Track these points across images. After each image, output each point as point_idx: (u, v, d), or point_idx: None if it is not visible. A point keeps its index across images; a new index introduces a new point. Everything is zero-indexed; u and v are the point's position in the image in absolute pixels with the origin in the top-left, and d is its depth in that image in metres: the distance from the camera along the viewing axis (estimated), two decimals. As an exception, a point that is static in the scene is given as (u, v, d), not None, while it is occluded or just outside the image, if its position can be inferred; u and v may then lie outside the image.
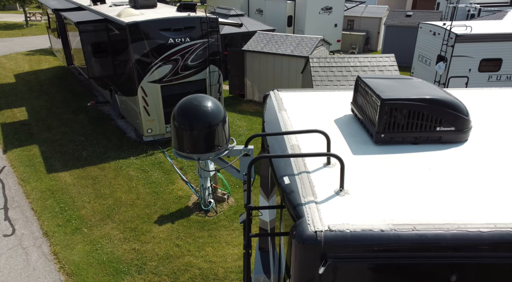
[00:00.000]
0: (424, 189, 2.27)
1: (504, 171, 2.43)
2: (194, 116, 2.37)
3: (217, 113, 2.47)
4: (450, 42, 11.50)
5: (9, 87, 16.17)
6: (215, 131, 2.45)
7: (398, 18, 20.99)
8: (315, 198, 2.22)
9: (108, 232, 7.53)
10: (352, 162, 2.60)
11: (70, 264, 6.69)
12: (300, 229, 2.00)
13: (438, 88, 3.00)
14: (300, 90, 4.29)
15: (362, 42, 23.99)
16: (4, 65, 19.57)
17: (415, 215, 2.06)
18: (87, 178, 9.39)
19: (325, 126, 3.17)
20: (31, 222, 7.77)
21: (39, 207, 8.23)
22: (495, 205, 2.11)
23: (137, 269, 6.66)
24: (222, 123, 2.52)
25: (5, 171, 9.68)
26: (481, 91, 3.99)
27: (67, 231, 7.51)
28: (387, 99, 2.68)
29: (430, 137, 2.76)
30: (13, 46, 24.12)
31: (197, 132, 2.40)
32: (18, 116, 13.13)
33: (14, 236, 7.35)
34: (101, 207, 8.32)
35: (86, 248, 7.08)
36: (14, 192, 8.78)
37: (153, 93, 10.62)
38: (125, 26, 9.83)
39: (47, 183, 9.14)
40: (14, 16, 35.11)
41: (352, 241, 1.96)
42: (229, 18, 17.68)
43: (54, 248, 7.06)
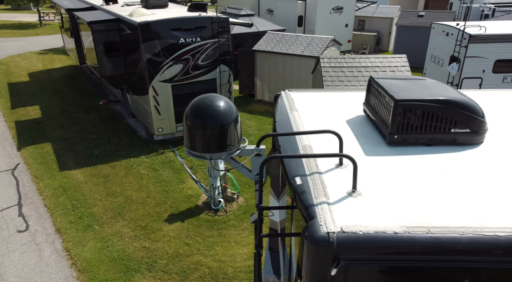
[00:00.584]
0: (438, 191, 2.25)
1: (521, 174, 2.39)
2: (206, 116, 2.38)
3: (230, 112, 2.48)
4: (463, 42, 11.34)
5: (23, 85, 16.43)
6: (227, 131, 2.45)
7: (410, 18, 20.78)
8: (327, 199, 2.21)
9: (119, 229, 7.61)
10: (365, 163, 2.58)
11: (82, 261, 6.78)
12: (313, 229, 2.00)
13: (453, 89, 2.96)
14: (311, 91, 4.27)
15: (373, 43, 23.80)
16: (18, 64, 19.89)
17: (429, 218, 2.04)
18: (99, 176, 9.50)
19: (337, 127, 3.15)
20: (44, 218, 7.89)
21: (52, 204, 8.35)
22: (511, 208, 2.08)
23: (147, 267, 6.71)
24: (235, 123, 2.52)
25: (19, 168, 9.84)
26: (496, 93, 3.93)
27: (79, 228, 7.61)
28: (400, 100, 2.65)
29: (444, 139, 2.73)
30: (27, 45, 24.50)
31: (210, 131, 2.41)
32: (32, 114, 13.34)
33: (27, 232, 7.48)
34: (112, 204, 8.40)
35: (97, 245, 7.17)
36: (27, 189, 8.92)
37: (164, 92, 10.69)
38: (137, 25, 9.91)
39: (59, 180, 9.27)
40: (29, 16, 35.67)
41: (365, 242, 1.95)
42: (239, 18, 17.71)
43: (67, 245, 7.16)
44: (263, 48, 14.61)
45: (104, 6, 13.17)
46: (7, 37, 26.86)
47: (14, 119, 12.78)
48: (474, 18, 19.03)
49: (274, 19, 22.40)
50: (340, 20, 21.61)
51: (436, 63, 13.13)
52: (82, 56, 14.46)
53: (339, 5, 21.25)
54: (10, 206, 8.24)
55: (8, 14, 36.90)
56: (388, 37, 24.14)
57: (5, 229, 7.51)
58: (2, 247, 7.03)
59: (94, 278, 6.40)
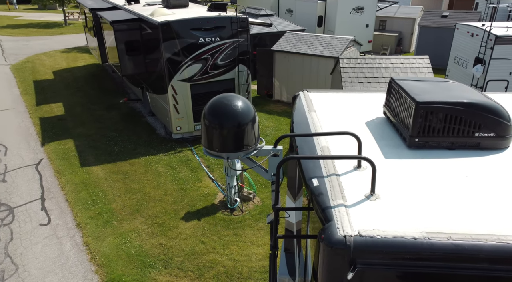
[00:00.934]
0: (460, 196, 2.19)
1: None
2: (224, 115, 2.39)
3: (247, 112, 2.48)
4: (489, 44, 11.02)
5: (48, 83, 16.90)
6: (244, 131, 2.45)
7: (433, 19, 20.33)
8: (345, 202, 2.19)
9: (136, 226, 7.73)
10: (384, 166, 2.53)
11: (101, 255, 6.92)
12: (329, 232, 1.97)
13: (477, 91, 2.88)
14: (329, 91, 4.23)
15: (394, 43, 23.41)
16: (43, 62, 20.47)
17: (450, 224, 1.99)
18: (118, 173, 9.68)
19: (355, 128, 3.11)
20: (65, 213, 8.10)
21: (73, 199, 8.56)
22: (538, 216, 2.00)
23: (163, 263, 6.80)
24: (252, 123, 2.52)
25: (43, 163, 10.13)
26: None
27: (98, 223, 7.77)
28: (422, 102, 2.59)
29: (467, 143, 2.65)
30: (52, 44, 25.17)
31: (227, 131, 2.41)
32: (55, 111, 13.70)
33: (49, 226, 7.68)
34: (131, 201, 8.54)
35: (115, 241, 7.30)
36: (50, 183, 9.17)
37: (183, 91, 10.80)
38: (158, 25, 10.04)
39: (80, 176, 9.49)
40: (54, 16, 36.66)
41: (383, 247, 1.91)
42: (259, 18, 17.71)
43: (86, 239, 7.32)
44: (282, 48, 14.57)
45: (126, 6, 13.41)
46: (33, 36, 27.67)
47: (39, 116, 13.16)
48: (500, 19, 18.46)
49: (293, 19, 22.31)
50: (360, 21, 21.34)
51: (460, 65, 12.80)
52: (104, 55, 14.76)
53: (360, 5, 20.99)
54: (33, 199, 8.49)
55: (35, 14, 38.03)
56: (410, 38, 23.70)
57: (28, 222, 7.74)
58: (26, 239, 7.25)
59: (112, 273, 6.53)
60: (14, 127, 12.24)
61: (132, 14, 12.09)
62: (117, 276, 6.45)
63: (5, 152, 10.60)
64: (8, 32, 28.58)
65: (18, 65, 19.71)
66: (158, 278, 6.47)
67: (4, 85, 16.46)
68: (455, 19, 19.23)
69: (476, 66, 11.34)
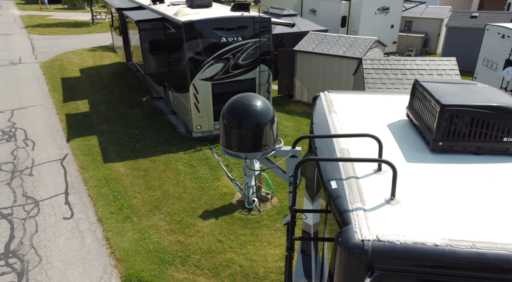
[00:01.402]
0: (485, 204, 2.10)
1: None
2: (243, 115, 2.38)
3: (266, 112, 2.45)
4: (520, 45, 10.60)
5: (75, 80, 17.38)
6: (263, 131, 2.43)
7: (462, 20, 19.73)
8: (364, 205, 2.14)
9: (155, 222, 7.84)
10: (406, 170, 2.46)
11: (120, 250, 7.05)
12: (347, 236, 1.93)
13: (507, 95, 2.76)
14: (351, 92, 4.16)
15: (420, 45, 22.86)
16: (71, 60, 21.07)
17: (474, 232, 1.91)
18: (139, 170, 9.84)
19: (377, 130, 3.04)
20: (88, 208, 8.29)
21: (95, 194, 8.76)
22: None
23: (181, 260, 6.86)
24: (271, 123, 2.49)
25: (68, 158, 10.41)
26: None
27: (118, 219, 7.92)
28: (447, 105, 2.51)
29: (495, 148, 2.55)
30: (80, 42, 25.87)
31: (245, 131, 2.40)
32: (81, 108, 14.08)
33: (72, 220, 7.89)
34: (151, 198, 8.67)
35: (135, 236, 7.42)
36: (74, 178, 9.42)
37: (204, 90, 10.88)
38: (181, 24, 10.16)
39: (103, 172, 9.70)
40: (83, 15, 37.69)
41: (402, 253, 1.86)
42: (282, 18, 17.65)
43: (107, 234, 7.47)
44: (304, 49, 14.47)
45: (151, 6, 13.63)
46: (62, 34, 28.53)
47: (65, 113, 13.54)
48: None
49: (317, 19, 22.13)
50: (385, 21, 20.95)
51: (489, 67, 12.37)
52: (129, 53, 15.05)
53: (385, 5, 20.60)
54: (58, 193, 8.74)
55: (65, 13, 39.22)
56: (437, 39, 23.08)
57: (52, 215, 7.97)
58: (50, 232, 7.47)
59: (130, 268, 6.64)
60: (42, 123, 12.65)
61: (157, 13, 12.28)
62: (136, 272, 6.55)
63: (33, 146, 10.96)
64: (39, 31, 29.57)
65: (47, 63, 20.36)
66: (175, 275, 6.54)
67: (34, 82, 17.04)
68: (485, 20, 18.61)
69: (507, 68, 10.93)
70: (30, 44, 25.03)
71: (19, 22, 33.84)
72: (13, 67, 19.32)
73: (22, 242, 7.16)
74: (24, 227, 7.57)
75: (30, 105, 14.20)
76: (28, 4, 46.91)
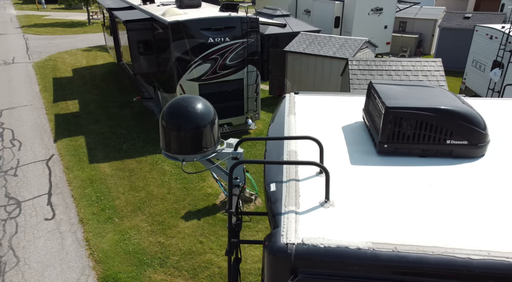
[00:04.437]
0: (418, 206, 2.09)
1: (517, 193, 2.17)
2: (181, 117, 2.37)
3: (206, 115, 2.44)
4: (508, 46, 10.59)
5: (66, 80, 17.36)
6: (202, 133, 2.42)
7: (455, 20, 19.72)
8: (297, 208, 2.13)
9: (137, 223, 7.83)
10: (348, 172, 2.45)
11: (99, 252, 7.03)
12: (272, 239, 1.93)
13: (457, 98, 2.75)
14: (321, 94, 4.15)
15: (414, 45, 22.85)
16: (65, 60, 21.06)
17: (400, 235, 1.90)
18: (125, 170, 9.83)
19: (331, 132, 3.03)
20: (70, 208, 8.28)
21: (78, 195, 8.75)
22: (495, 231, 1.89)
23: (159, 262, 6.85)
24: (211, 126, 2.48)
25: (53, 159, 10.40)
26: (516, 102, 3.61)
27: (100, 220, 7.91)
28: (392, 107, 2.50)
29: (439, 150, 2.54)
30: (75, 42, 25.85)
31: (183, 133, 2.39)
32: (71, 108, 14.06)
33: (53, 220, 7.87)
34: (134, 198, 8.66)
35: (115, 237, 7.41)
36: (58, 179, 9.41)
37: (191, 91, 10.86)
38: (167, 25, 10.15)
39: (88, 172, 9.69)
40: (80, 15, 37.67)
41: (325, 256, 1.85)
42: (274, 18, 17.65)
43: (87, 235, 7.46)
44: (294, 49, 14.46)
45: (141, 6, 13.62)
46: (58, 34, 28.51)
47: (55, 113, 13.53)
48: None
49: (311, 19, 22.12)
50: (379, 22, 20.93)
51: (478, 68, 12.37)
52: (120, 53, 15.04)
53: (379, 6, 20.58)
54: (41, 194, 8.72)
55: (62, 13, 39.21)
56: (431, 39, 23.07)
57: (34, 216, 7.96)
58: (29, 233, 7.46)
59: (108, 269, 6.62)
60: (30, 123, 12.64)
61: (146, 13, 12.27)
62: (113, 273, 6.54)
63: (19, 147, 10.95)
64: (34, 31, 29.55)
65: (41, 62, 20.35)
66: (152, 277, 6.53)
67: (26, 82, 17.02)
68: (478, 21, 18.59)
69: (494, 70, 10.92)
70: (24, 44, 25.02)
71: (15, 22, 33.82)
72: (5, 67, 19.31)
73: (1, 243, 7.15)
74: (4, 228, 7.55)
75: (20, 105, 14.19)
76: (25, 4, 46.89)
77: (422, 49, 23.26)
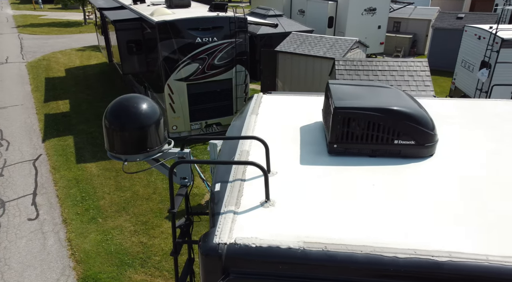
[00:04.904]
0: (356, 206, 2.10)
1: (456, 195, 2.18)
2: (124, 117, 2.37)
3: (149, 114, 2.45)
4: (495, 47, 10.61)
5: (59, 80, 17.36)
6: (145, 133, 2.43)
7: (448, 21, 19.74)
8: (237, 208, 2.13)
9: (120, 223, 7.83)
10: (296, 172, 2.46)
11: (81, 252, 7.03)
12: (206, 239, 1.93)
13: (410, 99, 2.76)
14: (292, 94, 4.16)
15: (408, 45, 22.87)
16: (58, 60, 21.05)
17: (333, 234, 1.90)
18: (111, 170, 9.83)
19: (289, 132, 3.04)
20: (54, 209, 8.28)
21: (63, 195, 8.75)
22: (425, 230, 1.89)
23: (141, 262, 6.85)
24: (156, 125, 2.49)
25: (41, 158, 10.40)
26: (478, 102, 3.62)
27: (83, 220, 7.91)
28: (340, 107, 2.51)
29: (388, 150, 2.55)
30: (70, 42, 25.84)
31: (125, 133, 2.40)
32: (61, 108, 14.06)
33: (37, 221, 7.87)
34: (119, 199, 8.66)
35: (97, 238, 7.41)
36: (44, 179, 9.40)
37: (179, 91, 10.87)
38: (155, 24, 10.15)
39: (74, 172, 9.69)
40: (76, 15, 37.65)
41: (256, 256, 1.85)
42: (267, 18, 17.64)
43: (69, 235, 7.46)
44: (285, 49, 14.46)
45: (132, 6, 13.62)
46: (54, 34, 28.49)
47: (45, 112, 13.53)
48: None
49: (305, 20, 22.14)
50: (372, 22, 20.94)
51: (467, 68, 12.38)
52: (110, 53, 15.05)
53: (372, 6, 20.60)
54: (26, 194, 8.72)
55: (59, 13, 39.19)
56: (425, 39, 23.08)
57: (17, 216, 7.96)
58: (12, 233, 7.46)
59: (88, 270, 6.62)
60: (20, 123, 12.63)
61: (135, 13, 12.27)
62: (93, 273, 6.54)
63: (7, 146, 10.95)
64: (30, 30, 29.53)
65: (34, 62, 20.34)
66: (133, 277, 6.53)
67: (18, 82, 17.02)
68: (471, 21, 18.61)
69: (482, 70, 10.94)
70: (19, 43, 25.01)
71: (11, 21, 33.81)
72: (-2, 67, 19.31)
73: (-17, 243, 7.16)
74: (-13, 228, 7.56)
75: (10, 105, 14.19)
76: (22, 3, 46.87)
77: (416, 49, 23.28)
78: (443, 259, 1.72)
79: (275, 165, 2.53)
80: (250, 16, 16.95)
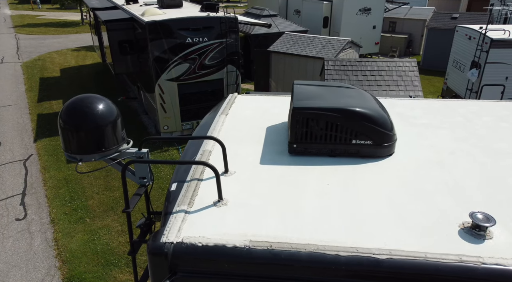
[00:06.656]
0: (307, 206, 2.12)
1: (406, 195, 2.19)
2: (78, 117, 2.39)
3: (105, 114, 2.46)
4: (484, 47, 10.63)
5: (53, 80, 17.37)
6: (100, 133, 2.45)
7: (443, 21, 19.76)
8: (189, 207, 2.15)
9: (108, 223, 7.85)
10: (254, 172, 2.48)
11: (67, 252, 7.05)
12: (154, 238, 1.95)
13: (372, 99, 2.78)
14: (268, 94, 4.18)
15: (404, 45, 22.89)
16: (54, 60, 21.06)
17: (279, 232, 1.92)
18: (101, 170, 9.85)
19: (254, 133, 3.06)
20: (43, 209, 8.30)
21: (52, 195, 8.77)
22: (372, 229, 1.91)
23: (126, 262, 6.87)
24: (112, 125, 2.51)
25: (32, 158, 10.42)
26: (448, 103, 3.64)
27: (71, 220, 7.93)
28: (299, 108, 2.53)
29: (347, 150, 2.57)
30: (66, 42, 25.85)
31: (80, 133, 2.42)
32: (55, 108, 14.07)
33: (24, 221, 7.89)
34: (108, 198, 8.68)
35: (84, 238, 7.43)
36: (34, 179, 9.42)
37: (170, 91, 10.89)
38: (145, 24, 10.17)
39: (64, 172, 9.71)
40: (74, 15, 37.67)
41: (202, 255, 1.87)
42: (261, 18, 17.66)
43: (56, 235, 7.48)
44: (278, 49, 14.48)
45: (124, 6, 13.64)
46: (50, 34, 28.51)
47: (38, 113, 13.55)
48: (512, 21, 17.76)
49: (300, 20, 22.15)
50: (367, 22, 20.96)
51: (458, 68, 12.40)
52: (103, 53, 15.06)
53: (367, 6, 20.62)
54: (14, 194, 8.74)
55: (57, 13, 39.21)
56: (421, 39, 23.08)
57: (5, 216, 7.98)
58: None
59: (74, 270, 6.64)
60: (12, 123, 12.65)
61: (127, 13, 12.28)
62: (78, 273, 6.56)
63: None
64: (27, 30, 29.55)
65: (29, 62, 20.36)
66: (118, 276, 6.55)
67: (12, 81, 17.04)
68: (466, 21, 18.63)
69: (472, 70, 10.96)
70: (16, 43, 25.03)
71: (9, 21, 33.82)
72: (-7, 67, 19.32)
73: (-31, 243, 7.18)
74: (-26, 228, 7.58)
75: (3, 105, 14.21)
76: (20, 4, 46.88)
77: (412, 49, 23.29)
78: (383, 256, 1.74)
79: (235, 165, 2.56)
80: (244, 16, 16.99)
